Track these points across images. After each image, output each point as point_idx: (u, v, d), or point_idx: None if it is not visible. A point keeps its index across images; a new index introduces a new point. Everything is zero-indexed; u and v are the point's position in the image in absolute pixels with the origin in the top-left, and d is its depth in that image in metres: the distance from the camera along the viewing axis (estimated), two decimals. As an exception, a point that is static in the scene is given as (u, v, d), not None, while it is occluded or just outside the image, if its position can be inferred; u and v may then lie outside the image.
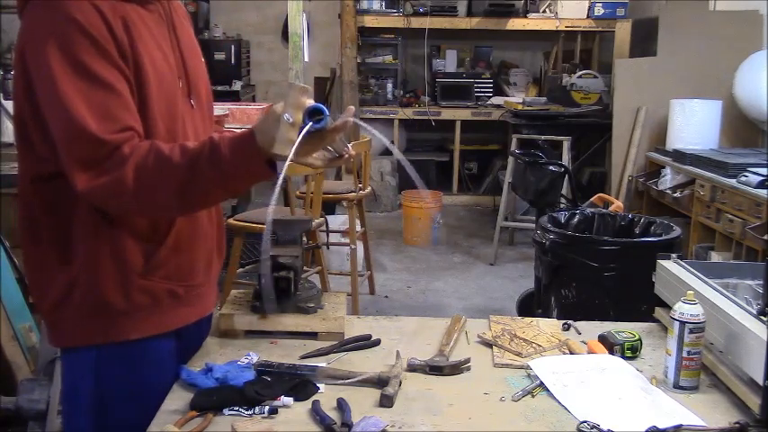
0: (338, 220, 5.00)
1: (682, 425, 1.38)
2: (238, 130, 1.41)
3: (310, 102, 1.34)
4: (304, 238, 1.80)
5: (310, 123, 1.32)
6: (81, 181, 1.35)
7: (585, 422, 1.38)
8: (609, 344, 1.72)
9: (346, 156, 1.51)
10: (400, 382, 1.52)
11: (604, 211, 3.47)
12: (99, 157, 1.34)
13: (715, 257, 4.18)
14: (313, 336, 1.75)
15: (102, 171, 1.35)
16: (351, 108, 1.46)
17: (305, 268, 1.78)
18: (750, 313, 1.52)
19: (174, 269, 1.53)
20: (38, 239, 1.49)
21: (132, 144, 1.36)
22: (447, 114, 7.59)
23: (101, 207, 1.42)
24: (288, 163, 1.34)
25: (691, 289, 1.62)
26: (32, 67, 1.38)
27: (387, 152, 7.62)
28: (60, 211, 1.45)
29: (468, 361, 1.63)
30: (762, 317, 1.48)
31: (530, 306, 3.79)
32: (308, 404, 1.45)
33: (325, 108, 1.33)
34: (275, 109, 1.35)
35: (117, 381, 1.51)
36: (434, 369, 1.60)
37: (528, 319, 1.94)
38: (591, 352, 1.71)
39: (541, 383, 1.55)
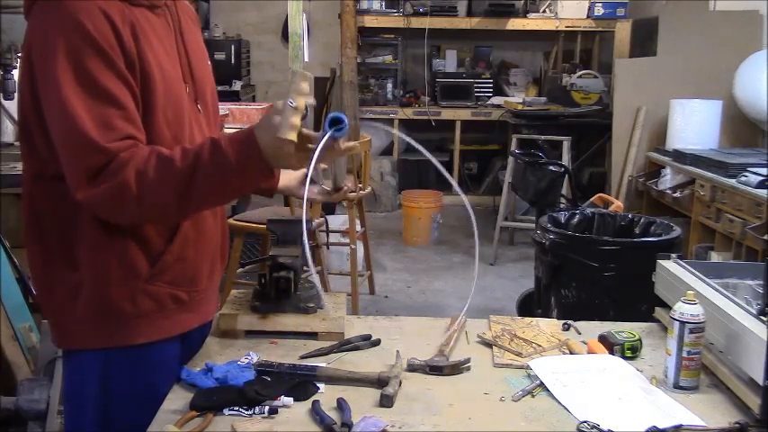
0: (338, 220, 5.00)
1: (682, 425, 1.38)
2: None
3: (306, 86, 1.33)
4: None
5: (331, 131, 1.32)
6: (81, 190, 1.35)
7: (585, 422, 1.38)
8: (609, 344, 1.72)
9: (345, 188, 1.52)
10: (400, 382, 1.52)
11: (604, 211, 3.46)
12: (99, 165, 1.34)
13: (715, 257, 4.17)
14: (313, 336, 1.75)
15: (101, 179, 1.35)
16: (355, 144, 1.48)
17: (305, 268, 1.78)
18: (750, 313, 1.52)
19: (179, 274, 1.54)
20: (41, 237, 1.49)
21: (131, 150, 1.36)
22: (447, 114, 7.58)
23: (103, 216, 1.41)
24: (315, 158, 1.33)
25: (691, 289, 1.62)
26: (38, 70, 1.38)
27: (387, 152, 7.62)
28: (64, 212, 1.45)
29: (468, 361, 1.63)
30: (762, 317, 1.48)
31: (530, 306, 3.79)
32: (308, 404, 1.45)
33: (345, 117, 1.32)
34: (276, 104, 1.35)
35: (122, 384, 1.52)
36: (434, 369, 1.60)
37: (528, 319, 1.94)
38: (591, 352, 1.71)
39: (541, 383, 1.55)
